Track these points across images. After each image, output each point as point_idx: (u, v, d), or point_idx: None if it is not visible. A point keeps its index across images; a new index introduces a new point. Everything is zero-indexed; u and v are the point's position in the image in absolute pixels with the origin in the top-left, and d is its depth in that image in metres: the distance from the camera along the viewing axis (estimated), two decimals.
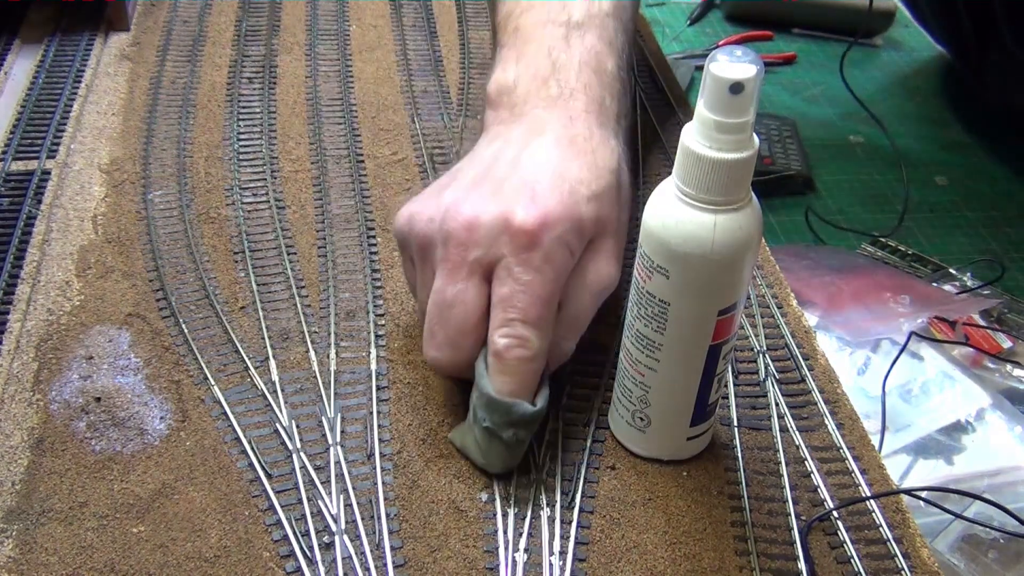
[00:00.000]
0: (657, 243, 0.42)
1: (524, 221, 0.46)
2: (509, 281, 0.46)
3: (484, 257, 0.46)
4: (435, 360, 0.48)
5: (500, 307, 0.46)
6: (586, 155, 0.50)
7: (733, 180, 0.40)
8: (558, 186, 0.48)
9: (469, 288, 0.46)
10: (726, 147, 0.39)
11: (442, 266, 0.47)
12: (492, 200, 0.47)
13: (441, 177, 0.53)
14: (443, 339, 0.47)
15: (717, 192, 0.40)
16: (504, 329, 0.46)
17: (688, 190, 0.41)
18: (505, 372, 0.46)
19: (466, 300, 0.46)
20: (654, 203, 0.43)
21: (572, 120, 0.52)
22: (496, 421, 0.46)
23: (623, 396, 0.49)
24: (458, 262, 0.46)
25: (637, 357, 0.46)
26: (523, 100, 0.54)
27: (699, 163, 0.40)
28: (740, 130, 0.39)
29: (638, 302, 0.45)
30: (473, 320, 0.47)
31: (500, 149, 0.51)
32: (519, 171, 0.49)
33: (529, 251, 0.46)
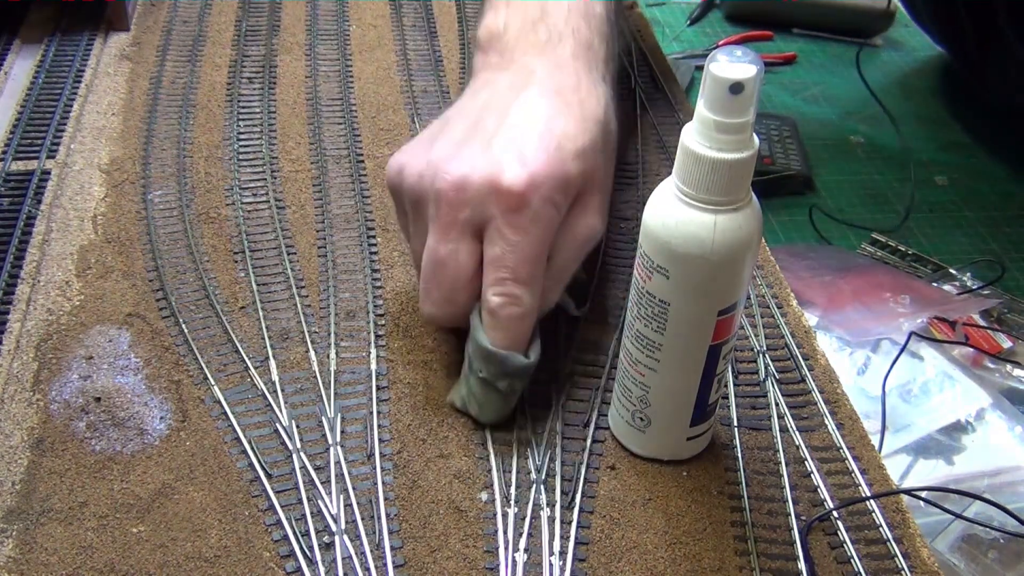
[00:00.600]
0: (657, 243, 0.42)
1: (512, 183, 0.46)
2: (500, 242, 0.47)
3: (474, 217, 0.47)
4: (431, 315, 0.50)
5: (492, 267, 0.47)
6: (573, 107, 0.50)
7: (733, 180, 0.40)
8: (545, 143, 0.48)
9: (461, 247, 0.48)
10: (726, 147, 0.39)
11: (434, 224, 0.48)
12: (481, 158, 0.47)
13: (431, 124, 0.53)
14: (438, 296, 0.49)
15: (717, 192, 0.40)
16: (496, 288, 0.47)
17: (688, 190, 0.41)
18: (499, 328, 0.48)
19: (458, 259, 0.48)
20: (654, 203, 0.43)
21: (560, 67, 0.52)
22: (491, 372, 0.48)
23: (623, 396, 0.49)
24: (449, 222, 0.47)
25: (637, 357, 0.46)
26: (512, 45, 0.54)
27: (699, 163, 0.40)
28: (740, 130, 0.39)
29: (638, 302, 0.45)
30: (465, 278, 0.48)
31: (488, 99, 0.52)
32: (507, 126, 0.49)
33: (517, 212, 0.46)
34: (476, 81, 0.55)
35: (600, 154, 0.51)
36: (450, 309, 0.49)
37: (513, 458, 0.49)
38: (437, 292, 0.49)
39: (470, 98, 0.53)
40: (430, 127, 0.53)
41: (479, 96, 0.52)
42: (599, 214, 0.51)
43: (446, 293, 0.49)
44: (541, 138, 0.48)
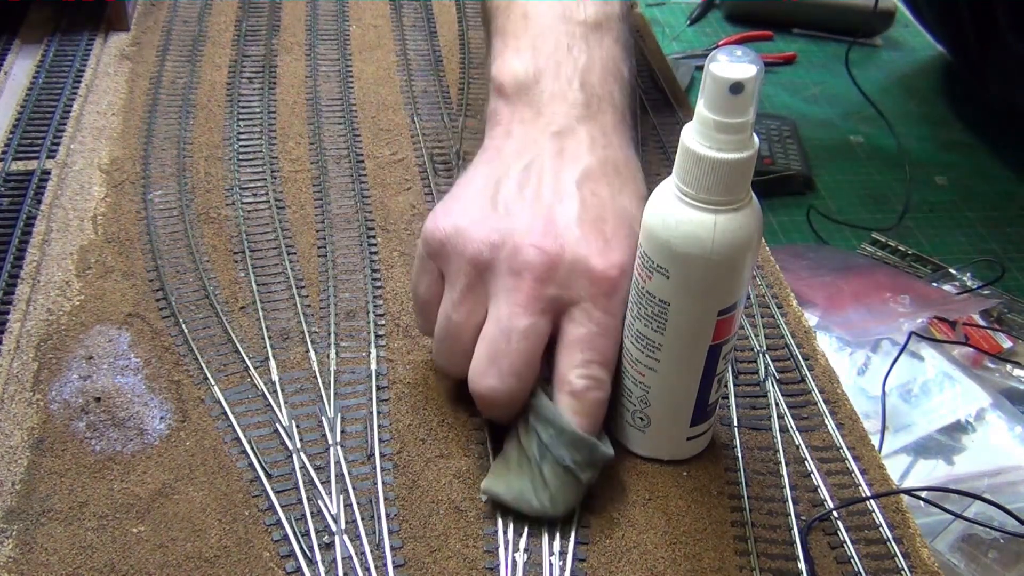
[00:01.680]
0: (657, 243, 0.42)
1: (607, 270, 0.46)
2: (588, 324, 0.46)
3: (561, 297, 0.46)
4: (493, 390, 0.47)
5: (578, 348, 0.46)
6: (629, 184, 0.51)
7: (733, 180, 0.40)
8: (622, 227, 0.48)
9: (540, 323, 0.46)
10: (726, 147, 0.39)
11: (511, 295, 0.46)
12: (567, 237, 0.47)
13: (471, 179, 0.51)
14: (508, 369, 0.46)
15: (717, 192, 0.40)
16: (582, 370, 0.46)
17: (688, 190, 0.41)
18: (581, 412, 0.46)
19: (537, 335, 0.46)
20: (654, 203, 0.43)
21: (606, 136, 0.51)
22: (578, 460, 0.46)
23: (623, 396, 0.48)
24: (534, 296, 0.46)
25: (637, 357, 0.46)
26: (547, 100, 0.52)
27: (699, 163, 0.40)
28: (740, 130, 0.39)
29: (638, 302, 0.45)
30: (539, 354, 0.47)
31: (543, 165, 0.50)
32: (582, 204, 0.48)
33: (609, 298, 0.46)
34: (512, 136, 0.52)
35: None
36: (516, 384, 0.47)
37: None
38: (508, 364, 0.46)
39: (514, 157, 0.51)
40: (470, 184, 0.51)
41: (525, 156, 0.51)
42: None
43: (519, 367, 0.46)
44: (618, 222, 0.48)
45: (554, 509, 0.46)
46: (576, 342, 0.46)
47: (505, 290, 0.46)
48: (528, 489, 0.46)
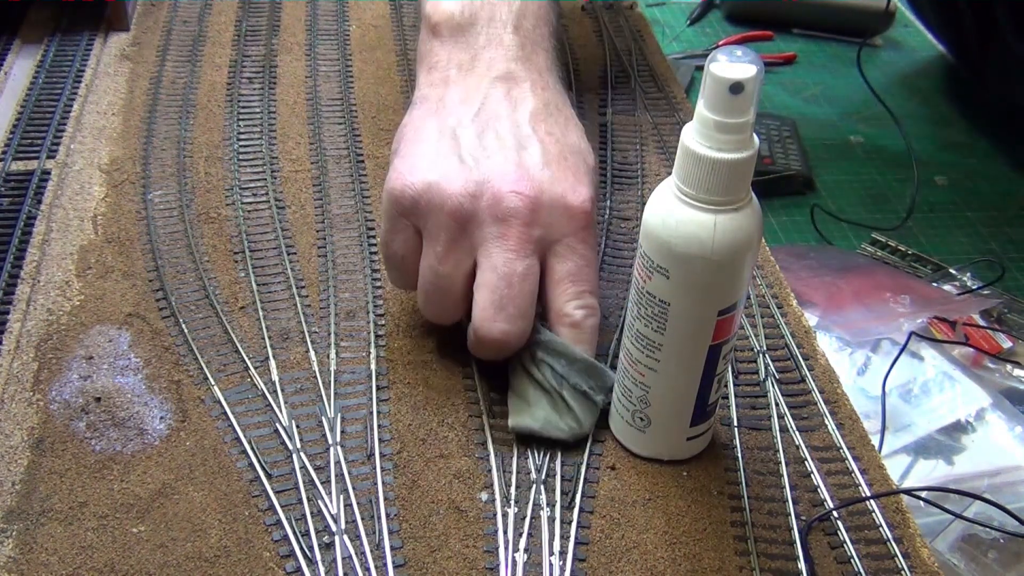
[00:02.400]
0: (657, 243, 0.42)
1: (582, 204, 0.50)
2: (574, 257, 0.50)
3: (546, 236, 0.49)
4: (506, 333, 0.49)
5: (569, 281, 0.50)
6: (571, 122, 0.54)
7: (733, 180, 0.40)
8: (579, 163, 0.51)
9: (534, 263, 0.49)
10: (726, 147, 0.39)
11: (503, 243, 0.48)
12: (539, 178, 0.49)
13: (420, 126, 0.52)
14: (516, 311, 0.49)
15: (717, 192, 0.40)
16: (577, 301, 0.50)
17: (688, 190, 0.41)
18: (584, 340, 0.50)
19: (535, 273, 0.49)
20: (654, 203, 0.43)
21: (542, 78, 0.54)
22: (594, 385, 0.50)
23: (623, 396, 0.49)
24: (524, 240, 0.49)
25: (637, 357, 0.46)
26: (483, 44, 0.55)
27: (699, 163, 0.40)
28: (740, 130, 0.39)
29: (638, 302, 0.45)
30: (535, 293, 0.50)
31: (494, 109, 0.52)
32: (541, 145, 0.51)
33: (586, 230, 0.50)
34: (453, 85, 0.54)
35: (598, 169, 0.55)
36: (524, 324, 0.49)
37: (513, 458, 0.49)
38: (514, 307, 0.48)
39: (462, 105, 0.53)
40: (422, 134, 0.52)
41: (472, 103, 0.53)
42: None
43: (524, 308, 0.49)
44: (576, 158, 0.52)
45: (581, 429, 0.50)
46: (566, 276, 0.50)
47: (494, 238, 0.48)
48: (553, 416, 0.49)
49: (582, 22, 0.87)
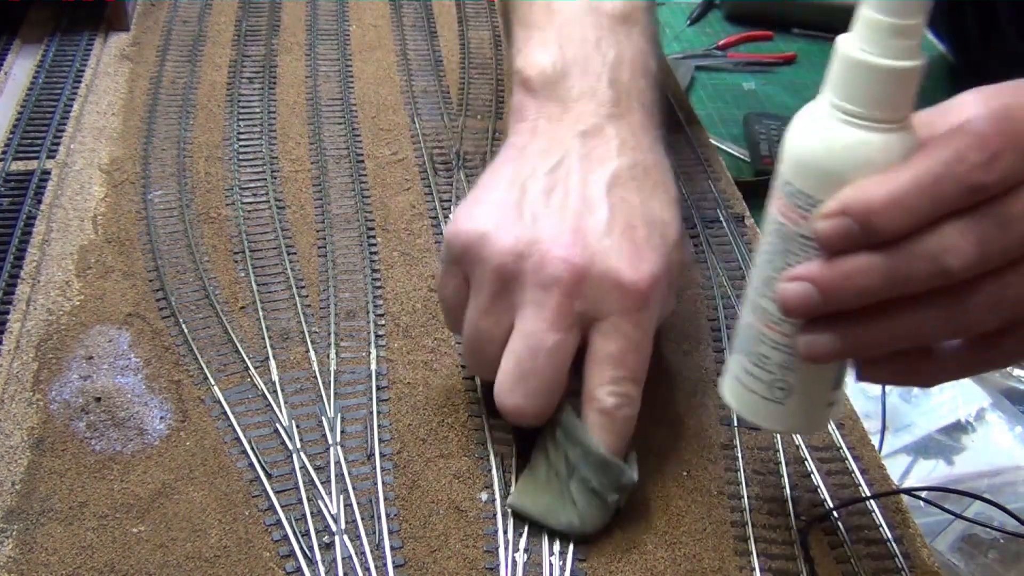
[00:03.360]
0: (819, 173, 0.36)
1: (637, 282, 0.45)
2: (618, 338, 0.45)
3: (590, 311, 0.45)
4: (519, 408, 0.46)
5: (608, 364, 0.45)
6: (660, 188, 0.49)
7: (912, 91, 0.36)
8: (652, 235, 0.46)
9: (568, 339, 0.45)
10: (904, 54, 0.35)
11: (540, 311, 0.45)
12: (595, 248, 0.45)
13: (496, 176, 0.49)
14: (536, 387, 0.45)
15: (899, 108, 0.36)
16: (612, 387, 0.45)
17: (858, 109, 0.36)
18: (611, 431, 0.45)
19: (565, 352, 0.45)
20: (807, 130, 0.37)
21: (635, 137, 0.50)
22: (604, 483, 0.45)
23: (757, 366, 0.41)
24: (562, 312, 0.45)
25: (781, 316, 0.39)
26: (576, 97, 0.50)
27: (878, 75, 0.35)
28: (917, 32, 0.35)
29: (785, 251, 0.38)
30: (566, 370, 0.46)
31: (570, 166, 0.48)
32: (611, 211, 0.46)
33: (639, 312, 0.45)
34: (538, 134, 0.50)
35: (685, 237, 0.50)
36: (544, 402, 0.46)
37: (513, 458, 0.49)
38: (536, 382, 0.45)
39: (540, 157, 0.49)
40: (495, 183, 0.49)
41: (551, 157, 0.49)
42: (673, 296, 0.50)
43: (547, 385, 0.45)
44: (649, 230, 0.47)
45: (582, 527, 0.45)
46: (606, 358, 0.45)
47: (532, 304, 0.45)
48: (556, 505, 0.46)
49: None
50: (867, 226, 0.34)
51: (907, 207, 0.34)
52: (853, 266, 0.35)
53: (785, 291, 0.37)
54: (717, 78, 1.01)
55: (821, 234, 0.36)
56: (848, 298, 0.36)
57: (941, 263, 0.34)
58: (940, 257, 0.34)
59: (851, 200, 0.35)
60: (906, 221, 0.34)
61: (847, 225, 0.35)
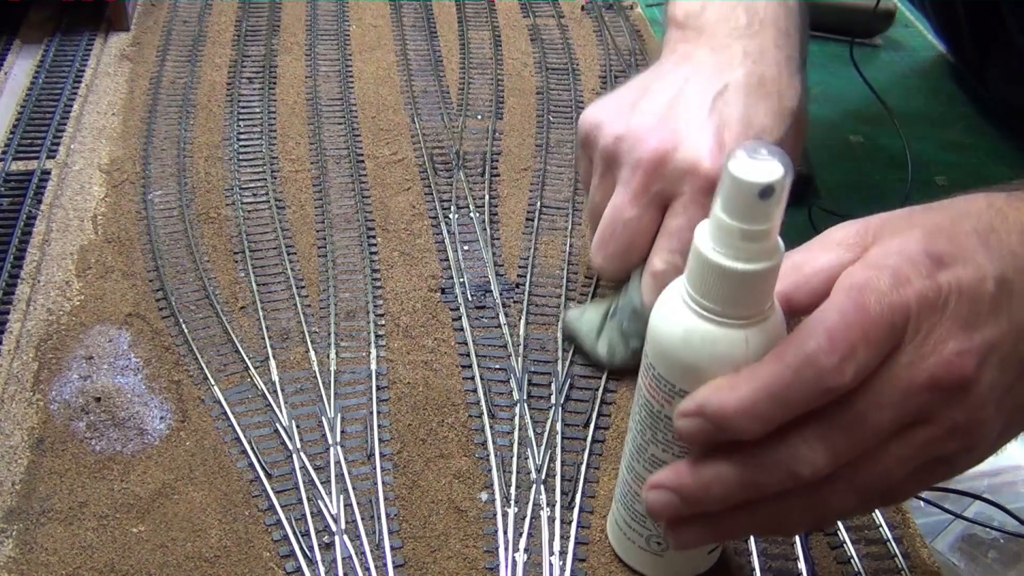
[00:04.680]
0: (679, 366, 0.37)
1: (709, 170, 0.50)
2: (683, 215, 0.51)
3: (666, 191, 0.51)
4: (599, 266, 0.55)
5: (668, 236, 0.52)
6: (772, 98, 0.53)
7: (764, 291, 0.36)
8: (744, 134, 0.51)
9: (645, 214, 0.52)
10: (754, 257, 0.34)
11: (625, 187, 0.52)
12: (682, 138, 0.51)
13: (630, 84, 0.56)
14: (613, 252, 0.53)
15: (747, 306, 0.36)
16: (665, 255, 0.52)
17: (711, 305, 0.36)
18: (655, 291, 0.50)
19: (641, 223, 0.52)
20: (666, 318, 0.37)
21: (763, 54, 0.54)
22: (631, 329, 0.53)
23: (634, 521, 0.43)
24: (641, 190, 0.52)
25: None
26: (713, 24, 0.56)
27: (724, 277, 0.35)
28: (768, 236, 0.35)
29: (653, 426, 0.39)
30: (642, 240, 0.53)
31: (690, 74, 0.54)
32: (710, 111, 0.52)
33: (706, 195, 0.50)
34: (675, 53, 0.56)
35: (792, 145, 0.54)
36: (619, 264, 0.54)
37: (513, 458, 0.49)
38: (613, 247, 0.53)
39: (672, 68, 0.55)
40: (628, 87, 0.55)
41: (681, 69, 0.55)
42: None
43: (621, 251, 0.53)
44: (740, 129, 0.51)
45: (609, 360, 0.53)
46: (669, 232, 0.52)
47: (623, 181, 0.53)
48: (594, 335, 0.54)
49: (582, 22, 0.87)
50: (723, 428, 0.35)
51: (759, 415, 0.34)
52: (711, 475, 0.36)
53: (649, 499, 0.38)
54: None
55: (681, 432, 0.36)
56: (708, 503, 0.37)
57: (793, 471, 0.35)
58: (792, 466, 0.35)
59: (706, 403, 0.35)
60: (759, 427, 0.35)
61: (704, 426, 0.35)
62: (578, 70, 0.80)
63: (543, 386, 0.53)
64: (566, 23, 0.87)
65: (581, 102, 0.76)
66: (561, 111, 0.75)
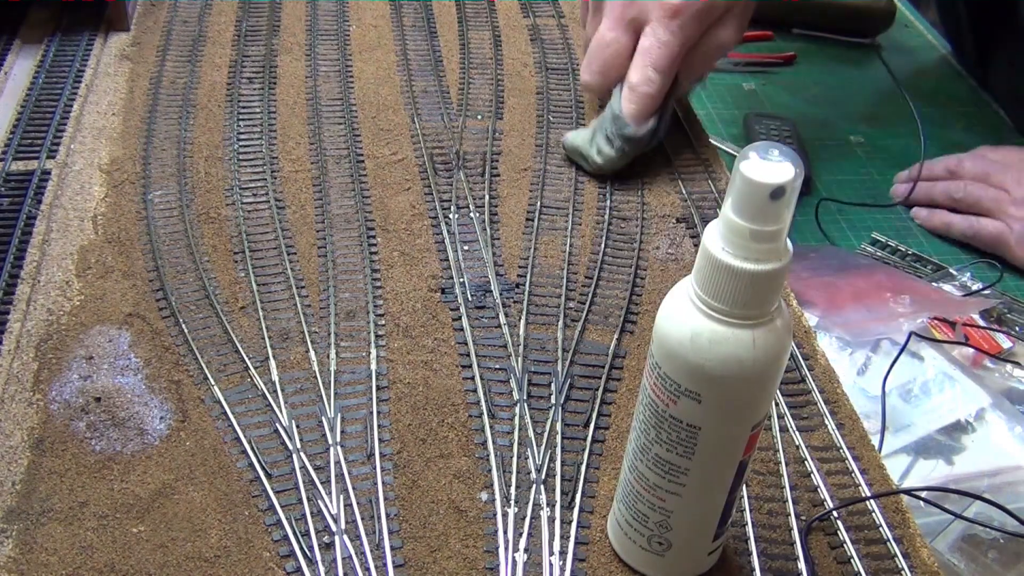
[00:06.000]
0: (686, 366, 0.37)
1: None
2: (652, 37, 0.65)
3: (639, 17, 0.66)
4: (587, 82, 0.70)
5: (641, 54, 0.66)
6: None
7: (773, 291, 0.36)
8: None
9: (622, 36, 0.67)
10: (764, 257, 0.35)
11: (606, 17, 0.67)
12: None
13: None
14: (596, 69, 0.68)
15: (756, 306, 0.36)
16: (639, 70, 0.66)
17: (720, 305, 0.36)
18: (631, 100, 0.66)
19: (619, 44, 0.67)
20: (673, 318, 0.37)
21: None
22: (613, 132, 0.66)
23: (636, 521, 0.43)
24: (619, 16, 0.67)
25: (656, 483, 0.41)
26: None
27: (734, 277, 0.35)
28: (779, 237, 0.35)
29: (658, 426, 0.39)
30: (619, 59, 0.67)
31: None
32: None
33: (671, 19, 0.65)
34: None
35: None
36: (601, 80, 0.68)
37: (513, 458, 0.49)
38: (596, 66, 0.68)
39: None
40: None
41: None
42: (735, 30, 0.68)
43: (603, 67, 0.68)
44: None
45: (600, 165, 0.67)
46: (641, 51, 0.66)
47: (604, 12, 0.68)
48: (587, 145, 0.67)
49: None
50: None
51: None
52: None
53: None
54: (717, 78, 1.01)
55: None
56: None
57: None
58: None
59: None
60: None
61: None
62: (578, 70, 0.80)
63: (543, 386, 0.53)
64: (566, 23, 0.86)
65: (581, 102, 0.76)
66: (561, 111, 0.75)
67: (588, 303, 0.58)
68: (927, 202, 0.82)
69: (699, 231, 0.64)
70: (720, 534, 0.43)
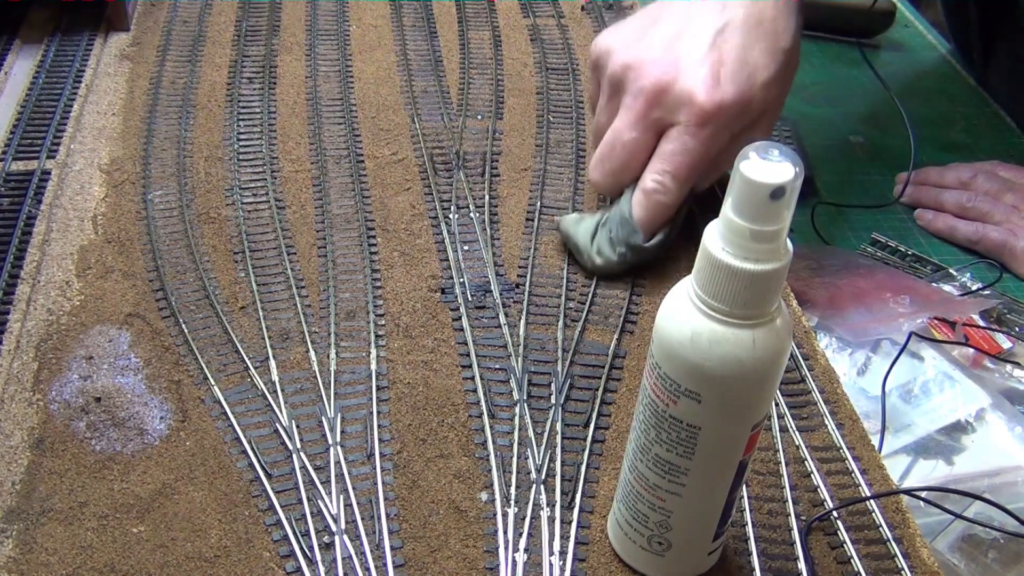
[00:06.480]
0: (686, 366, 0.37)
1: (704, 103, 0.56)
2: (676, 142, 0.58)
3: (663, 118, 0.58)
4: (597, 183, 0.62)
5: (660, 158, 0.58)
6: (769, 37, 0.59)
7: (773, 291, 0.36)
8: (739, 71, 0.57)
9: (641, 139, 0.58)
10: (764, 257, 0.35)
11: (626, 112, 0.59)
12: (682, 71, 0.57)
13: (641, 13, 0.62)
14: (609, 169, 0.60)
15: (756, 306, 0.36)
16: (656, 176, 0.58)
17: (720, 306, 0.36)
18: (643, 206, 0.59)
19: (637, 147, 0.59)
20: (673, 318, 0.37)
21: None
22: (619, 236, 0.59)
23: (636, 521, 0.43)
24: (640, 116, 0.58)
25: (656, 483, 0.41)
26: None
27: (734, 277, 0.35)
28: (779, 236, 0.35)
29: (658, 426, 0.39)
30: (635, 163, 0.59)
31: (698, 12, 0.59)
32: (710, 46, 0.57)
33: (700, 127, 0.57)
34: None
35: (782, 83, 0.60)
36: (612, 181, 0.61)
37: (513, 458, 0.49)
38: (609, 166, 0.60)
39: (680, 4, 0.60)
40: (639, 16, 0.62)
41: (688, 3, 0.60)
42: (765, 132, 0.62)
43: (616, 169, 0.60)
44: (737, 66, 0.57)
45: (596, 263, 0.60)
46: (661, 155, 0.58)
47: (625, 106, 0.59)
48: (586, 240, 0.60)
49: (582, 22, 0.87)
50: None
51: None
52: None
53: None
54: None
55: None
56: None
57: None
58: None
59: None
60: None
61: None
62: (578, 70, 0.80)
63: (543, 386, 0.53)
64: (566, 23, 0.87)
65: (581, 102, 0.76)
66: (561, 111, 0.75)
67: (588, 303, 0.58)
68: (934, 207, 0.82)
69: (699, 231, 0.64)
70: (720, 534, 0.43)
